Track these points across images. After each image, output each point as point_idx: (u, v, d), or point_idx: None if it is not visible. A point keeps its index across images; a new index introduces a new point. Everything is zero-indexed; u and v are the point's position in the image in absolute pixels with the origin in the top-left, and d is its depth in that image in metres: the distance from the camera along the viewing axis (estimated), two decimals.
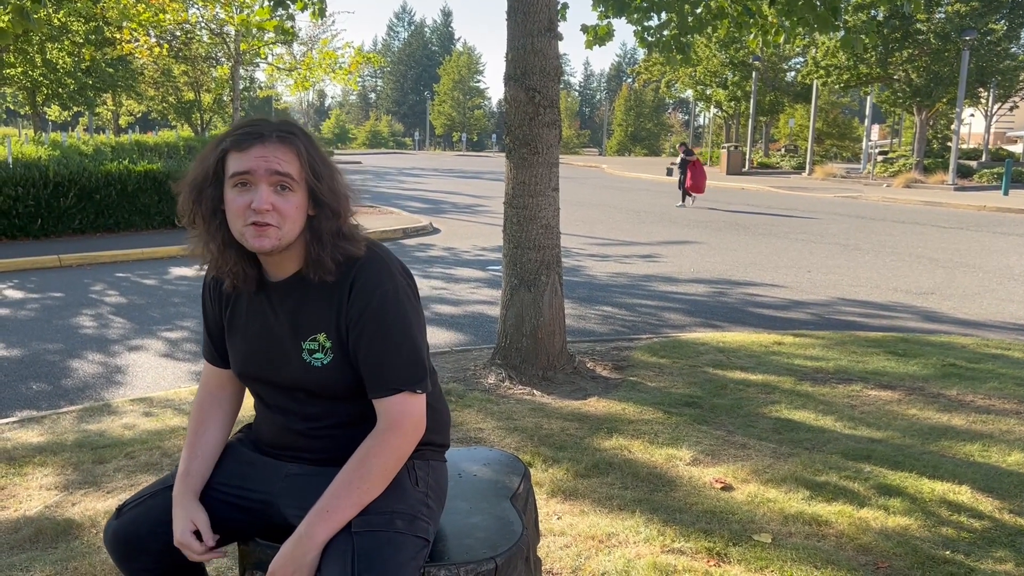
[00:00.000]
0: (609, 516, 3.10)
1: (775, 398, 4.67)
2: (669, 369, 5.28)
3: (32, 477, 3.54)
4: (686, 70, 41.82)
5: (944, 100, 29.70)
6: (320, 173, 1.67)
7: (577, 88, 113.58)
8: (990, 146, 35.15)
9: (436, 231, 13.92)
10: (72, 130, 42.01)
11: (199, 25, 21.88)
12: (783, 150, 46.60)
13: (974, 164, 30.91)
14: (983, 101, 33.67)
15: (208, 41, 24.49)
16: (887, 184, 27.90)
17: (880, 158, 34.17)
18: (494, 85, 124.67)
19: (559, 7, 5.19)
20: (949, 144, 32.76)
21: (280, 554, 1.61)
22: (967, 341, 6.25)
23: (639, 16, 6.83)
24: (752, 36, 7.09)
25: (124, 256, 10.34)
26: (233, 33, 18.19)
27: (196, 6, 19.95)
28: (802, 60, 41.42)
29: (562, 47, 5.10)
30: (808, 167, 34.19)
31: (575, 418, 4.30)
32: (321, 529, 1.60)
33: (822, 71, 31.18)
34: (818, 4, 6.12)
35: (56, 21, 24.22)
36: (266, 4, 6.52)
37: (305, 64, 20.51)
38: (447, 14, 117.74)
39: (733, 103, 43.89)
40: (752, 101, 38.55)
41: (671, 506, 3.19)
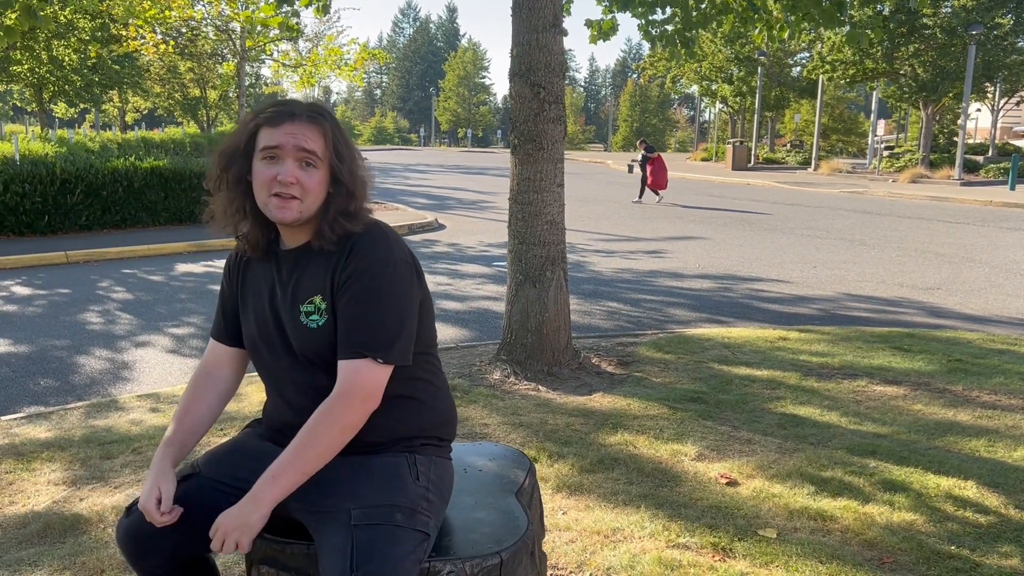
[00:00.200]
0: (614, 511, 3.10)
1: (780, 393, 4.67)
2: (674, 365, 5.28)
3: (40, 472, 3.56)
4: (691, 65, 41.73)
5: (950, 95, 29.56)
6: (343, 155, 1.77)
7: (582, 84, 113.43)
8: (996, 141, 35.00)
9: (441, 227, 13.93)
10: (79, 127, 42.09)
11: (205, 22, 21.90)
12: (788, 145, 46.48)
13: (980, 159, 30.81)
14: (989, 96, 33.55)
15: (214, 38, 24.49)
16: (893, 179, 27.81)
17: (886, 153, 34.09)
18: (499, 81, 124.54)
19: (564, 2, 5.18)
20: (955, 139, 32.64)
21: (227, 512, 1.66)
22: (973, 336, 6.24)
23: (644, 10, 6.82)
24: (757, 31, 7.08)
25: (131, 252, 10.38)
26: (238, 30, 18.20)
27: (202, 3, 19.98)
28: (807, 55, 41.32)
29: (567, 42, 5.11)
30: (814, 162, 34.09)
31: (580, 413, 4.30)
32: (267, 492, 1.65)
33: (828, 66, 31.07)
34: None
35: (63, 18, 24.24)
36: (271, 1, 6.53)
37: (310, 60, 20.52)
38: (452, 10, 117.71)
39: (738, 98, 43.78)
40: (757, 96, 38.42)
41: (676, 501, 3.20)
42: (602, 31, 7.48)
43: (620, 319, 7.04)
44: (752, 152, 37.10)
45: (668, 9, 6.83)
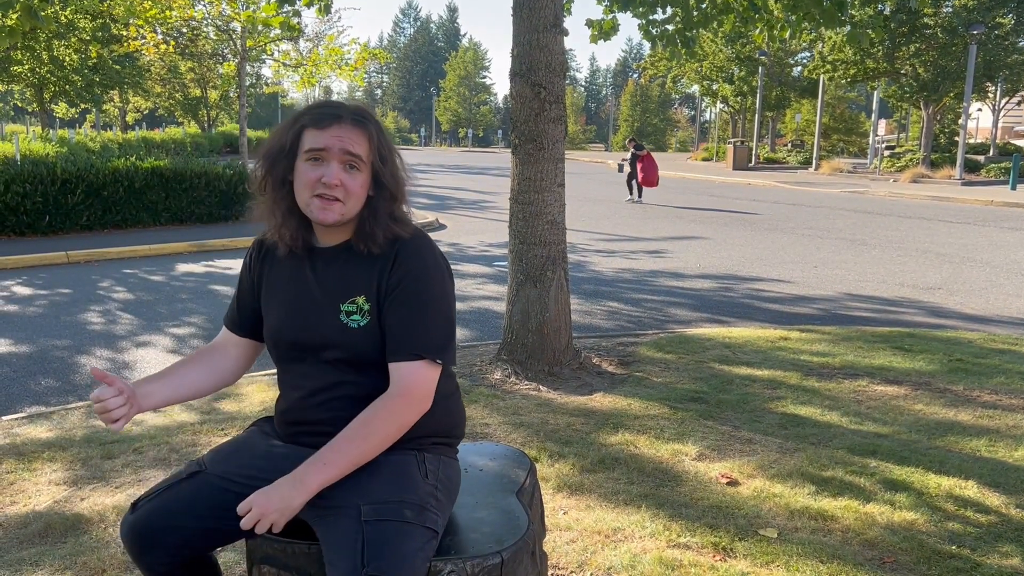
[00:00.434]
0: (615, 511, 3.10)
1: (781, 393, 4.67)
2: (675, 364, 5.28)
3: (41, 472, 3.56)
4: (692, 65, 41.74)
5: (951, 95, 29.57)
6: (385, 158, 1.83)
7: (583, 83, 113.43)
8: (998, 141, 35.01)
9: (442, 227, 13.93)
10: (79, 127, 42.13)
11: (205, 22, 21.91)
12: (789, 145, 46.48)
13: (981, 159, 30.80)
14: (990, 95, 33.54)
15: (214, 38, 24.50)
16: (894, 179, 27.81)
17: (887, 153, 34.08)
18: (500, 81, 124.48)
19: (564, 2, 5.18)
20: (956, 139, 32.63)
21: (265, 492, 1.62)
22: (974, 336, 6.24)
23: (644, 10, 6.82)
24: (758, 31, 7.09)
25: (131, 252, 10.38)
26: (239, 29, 18.20)
27: (202, 3, 19.98)
28: (808, 55, 41.32)
29: (568, 42, 5.10)
30: (814, 162, 34.09)
31: (581, 413, 4.30)
32: (315, 477, 1.65)
33: (828, 66, 31.08)
34: None
35: (63, 18, 24.25)
36: (272, 1, 6.53)
37: (311, 60, 20.51)
38: (453, 10, 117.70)
39: (739, 98, 43.78)
40: (758, 96, 38.43)
41: (677, 501, 3.20)
42: (603, 31, 7.48)
43: (621, 319, 7.05)
44: (753, 152, 37.10)
45: (669, 9, 6.83)
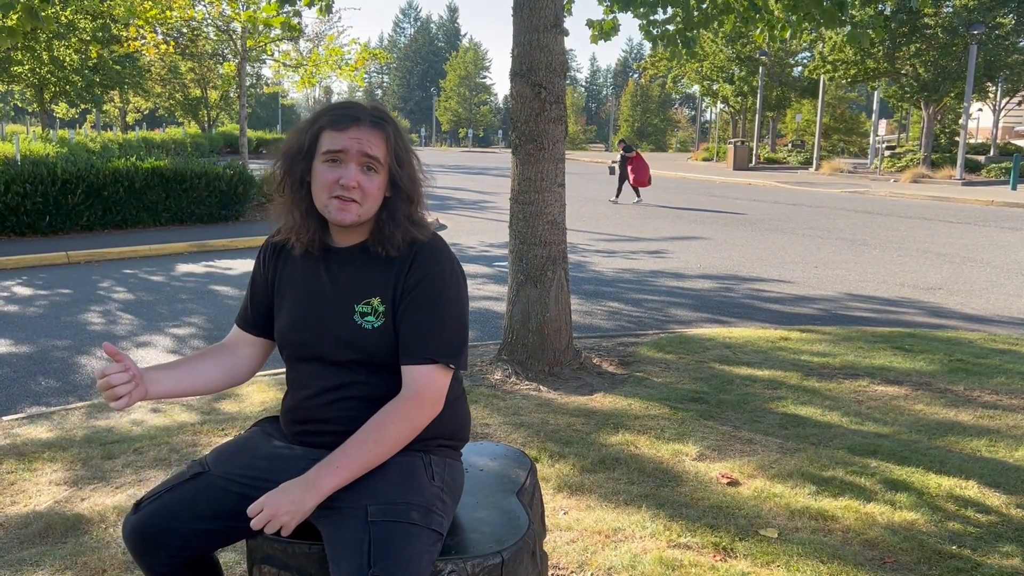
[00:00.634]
0: (615, 511, 3.10)
1: (781, 393, 4.67)
2: (675, 365, 5.28)
3: (41, 473, 3.56)
4: (692, 65, 41.74)
5: (952, 95, 29.57)
6: (402, 159, 1.82)
7: (583, 83, 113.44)
8: (998, 141, 35.02)
9: (442, 227, 13.92)
10: (79, 127, 42.15)
11: (205, 22, 21.90)
12: (790, 145, 46.49)
13: (982, 159, 30.81)
14: (991, 96, 33.54)
15: (214, 38, 24.49)
16: (894, 179, 27.80)
17: (887, 153, 34.07)
18: (500, 81, 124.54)
19: (565, 2, 5.18)
20: (957, 139, 32.63)
21: (277, 493, 1.63)
22: (974, 336, 6.24)
23: (645, 10, 6.82)
24: (758, 31, 7.08)
25: (132, 253, 10.38)
26: (239, 30, 18.19)
27: (203, 3, 19.98)
28: (809, 55, 41.30)
29: (568, 42, 5.10)
30: (815, 162, 34.09)
31: (581, 413, 4.30)
32: (327, 480, 1.65)
33: (829, 66, 31.07)
34: None
35: (64, 19, 24.26)
36: (272, 1, 6.53)
37: (311, 60, 20.51)
38: (453, 10, 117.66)
39: (740, 98, 43.79)
40: (759, 96, 38.43)
41: (677, 501, 3.20)
42: (603, 31, 7.48)
43: (621, 319, 7.05)
44: (753, 152, 37.10)
45: (669, 9, 6.83)
